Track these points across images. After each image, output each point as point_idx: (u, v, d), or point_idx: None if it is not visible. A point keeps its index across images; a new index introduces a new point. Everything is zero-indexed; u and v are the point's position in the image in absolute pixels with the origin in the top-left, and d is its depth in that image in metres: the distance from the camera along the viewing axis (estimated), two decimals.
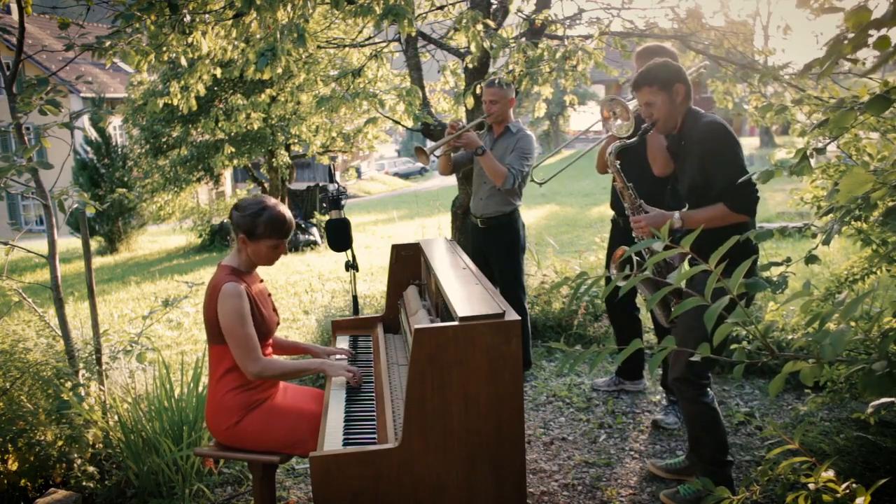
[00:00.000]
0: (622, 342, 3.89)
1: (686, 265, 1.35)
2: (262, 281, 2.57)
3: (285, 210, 2.45)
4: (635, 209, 2.76)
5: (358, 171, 31.00)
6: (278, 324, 2.59)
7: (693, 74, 3.11)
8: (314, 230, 13.52)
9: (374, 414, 2.23)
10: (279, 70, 3.76)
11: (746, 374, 4.02)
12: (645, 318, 4.30)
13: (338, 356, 2.74)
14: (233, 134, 12.99)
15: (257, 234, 2.39)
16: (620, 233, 3.59)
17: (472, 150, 3.84)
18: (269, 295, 2.57)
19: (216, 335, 2.37)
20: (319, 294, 7.34)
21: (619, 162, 2.84)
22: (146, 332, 3.26)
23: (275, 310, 2.57)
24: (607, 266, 3.59)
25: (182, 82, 4.52)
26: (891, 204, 1.98)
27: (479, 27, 3.90)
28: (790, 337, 3.92)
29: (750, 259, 1.42)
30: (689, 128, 2.59)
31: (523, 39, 4.52)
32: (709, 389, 2.68)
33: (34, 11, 3.46)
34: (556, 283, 1.51)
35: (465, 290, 2.17)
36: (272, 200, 2.45)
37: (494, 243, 4.02)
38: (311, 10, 3.90)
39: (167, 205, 14.58)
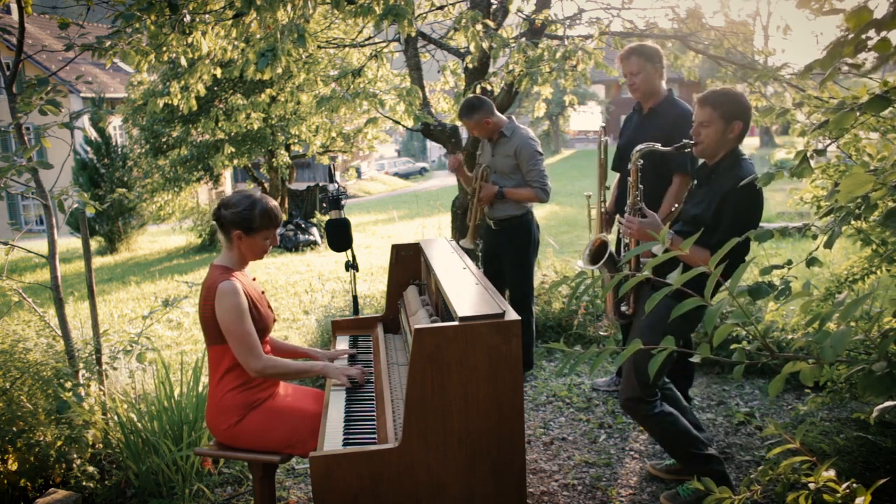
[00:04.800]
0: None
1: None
2: (254, 279, 2.56)
3: (272, 200, 2.46)
4: (634, 210, 2.75)
5: (358, 171, 30.94)
6: (275, 321, 2.58)
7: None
8: (314, 230, 13.52)
9: (374, 414, 2.23)
10: (279, 70, 3.76)
11: (746, 374, 4.02)
12: None
13: (339, 358, 2.73)
14: (233, 134, 12.99)
15: (254, 227, 2.39)
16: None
17: (496, 197, 3.90)
18: (263, 292, 2.57)
19: (215, 335, 2.37)
20: (319, 294, 7.33)
21: (642, 162, 2.82)
22: (146, 332, 3.26)
23: (269, 307, 2.56)
24: None
25: (182, 82, 4.52)
26: (891, 205, 1.97)
27: (479, 27, 3.90)
28: (790, 337, 3.92)
29: (746, 263, 1.42)
30: (725, 168, 2.51)
31: (523, 39, 4.53)
32: (657, 400, 2.67)
33: (34, 11, 3.45)
34: (555, 282, 1.51)
35: (465, 290, 2.17)
36: (258, 193, 2.46)
37: (507, 243, 4.03)
38: (311, 11, 3.91)
39: (167, 205, 14.56)
